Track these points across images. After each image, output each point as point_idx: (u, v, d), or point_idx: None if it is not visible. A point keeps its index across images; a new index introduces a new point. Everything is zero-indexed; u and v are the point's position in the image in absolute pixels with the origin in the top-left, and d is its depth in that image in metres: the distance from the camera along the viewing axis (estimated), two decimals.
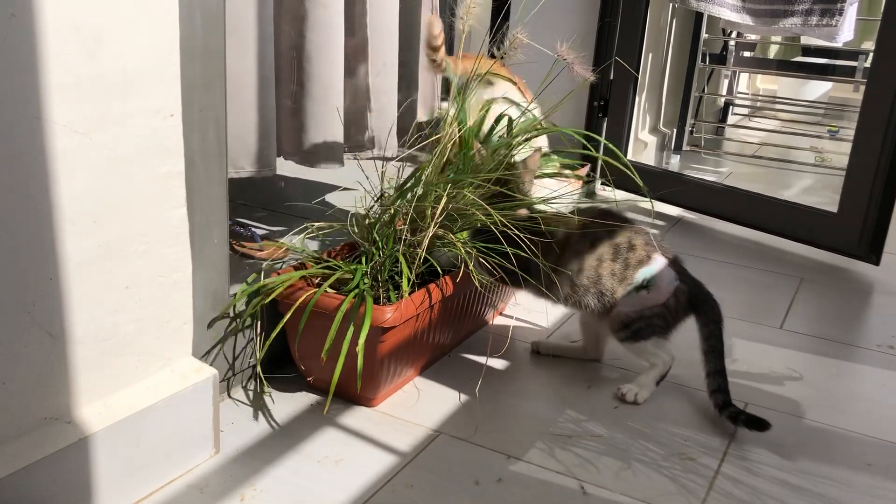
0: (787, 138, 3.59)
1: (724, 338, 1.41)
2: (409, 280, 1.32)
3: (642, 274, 1.41)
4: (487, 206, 1.36)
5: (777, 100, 4.26)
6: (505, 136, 1.53)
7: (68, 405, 1.02)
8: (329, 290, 1.32)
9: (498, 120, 1.56)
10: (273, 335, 1.30)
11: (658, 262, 1.42)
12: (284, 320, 1.29)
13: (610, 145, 1.70)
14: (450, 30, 1.99)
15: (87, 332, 1.02)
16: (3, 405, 0.95)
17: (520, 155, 1.48)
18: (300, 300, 1.30)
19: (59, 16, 0.90)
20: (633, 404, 1.41)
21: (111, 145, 0.99)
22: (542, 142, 1.93)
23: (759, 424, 1.31)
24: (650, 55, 2.95)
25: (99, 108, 0.97)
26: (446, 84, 1.92)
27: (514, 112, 1.61)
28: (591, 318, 1.49)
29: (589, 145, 1.97)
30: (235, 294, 1.31)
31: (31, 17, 0.87)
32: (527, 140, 1.50)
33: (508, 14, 2.04)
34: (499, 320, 1.73)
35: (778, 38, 3.70)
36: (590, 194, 2.71)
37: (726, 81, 3.85)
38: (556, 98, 1.54)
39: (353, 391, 1.34)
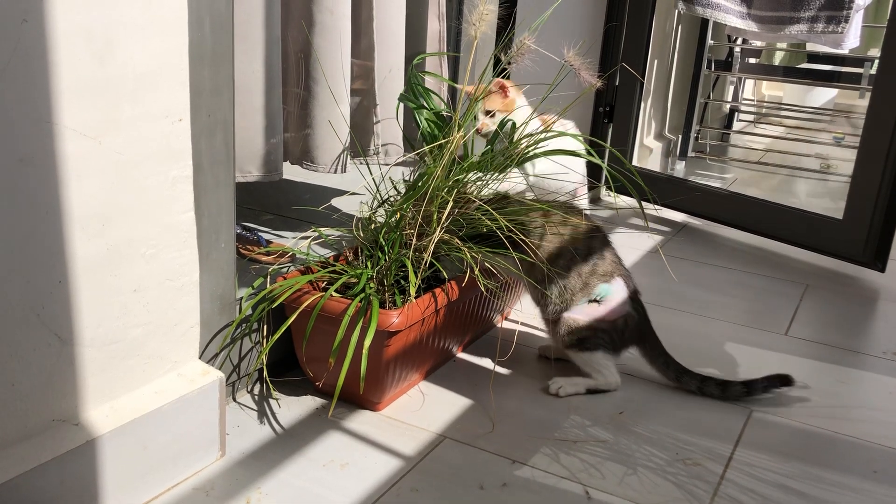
0: (792, 145, 3.59)
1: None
2: (414, 284, 1.32)
3: (603, 289, 1.44)
4: (493, 212, 1.36)
5: (782, 106, 4.26)
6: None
7: (76, 407, 1.03)
8: (335, 294, 1.32)
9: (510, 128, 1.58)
10: (276, 335, 1.31)
11: (619, 283, 1.45)
12: (289, 322, 1.29)
13: (616, 152, 1.70)
14: (456, 34, 2.00)
15: (95, 335, 1.02)
16: (12, 407, 0.96)
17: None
18: (306, 304, 1.30)
19: (70, 21, 0.91)
20: (554, 396, 1.44)
21: (120, 149, 1.00)
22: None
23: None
24: (656, 61, 2.95)
25: (109, 113, 0.98)
26: (453, 91, 1.93)
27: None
28: (548, 327, 1.51)
29: (593, 151, 1.97)
30: (242, 298, 1.31)
31: (43, 23, 0.88)
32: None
33: (515, 20, 2.05)
34: (504, 325, 1.73)
35: (784, 45, 3.71)
36: (594, 200, 2.71)
37: (732, 88, 3.85)
38: (561, 104, 1.54)
39: (359, 395, 1.34)
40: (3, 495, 0.93)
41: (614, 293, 1.44)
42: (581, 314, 1.43)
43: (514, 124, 1.58)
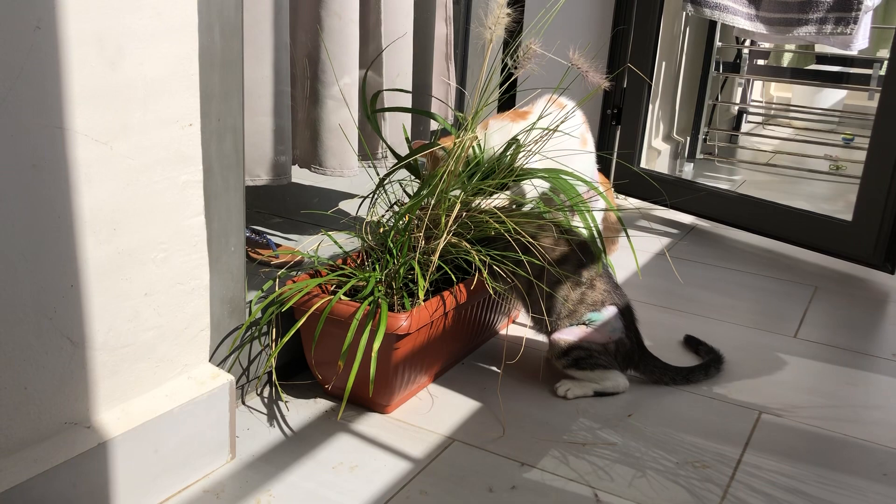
0: (801, 146, 3.58)
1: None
2: (423, 288, 1.33)
3: (591, 316, 1.43)
4: (501, 214, 1.37)
5: (791, 108, 4.25)
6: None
7: (88, 410, 1.04)
8: (344, 297, 1.33)
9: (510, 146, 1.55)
10: (285, 339, 1.31)
11: (610, 311, 1.44)
12: (298, 325, 1.30)
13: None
14: (463, 37, 2.00)
15: (106, 339, 1.03)
16: (25, 410, 0.97)
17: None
18: (315, 307, 1.31)
19: (82, 27, 0.92)
20: (562, 398, 1.44)
21: (131, 154, 1.01)
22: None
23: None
24: (664, 63, 2.95)
25: (120, 118, 0.98)
26: (460, 95, 1.93)
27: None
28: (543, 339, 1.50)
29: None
30: (251, 301, 1.32)
31: (56, 30, 0.89)
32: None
33: (522, 26, 2.06)
34: (512, 328, 1.74)
35: (792, 46, 3.70)
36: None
37: (740, 89, 3.84)
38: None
39: (368, 397, 1.35)
40: (16, 497, 0.94)
41: (604, 319, 1.44)
42: (569, 335, 1.43)
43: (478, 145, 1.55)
